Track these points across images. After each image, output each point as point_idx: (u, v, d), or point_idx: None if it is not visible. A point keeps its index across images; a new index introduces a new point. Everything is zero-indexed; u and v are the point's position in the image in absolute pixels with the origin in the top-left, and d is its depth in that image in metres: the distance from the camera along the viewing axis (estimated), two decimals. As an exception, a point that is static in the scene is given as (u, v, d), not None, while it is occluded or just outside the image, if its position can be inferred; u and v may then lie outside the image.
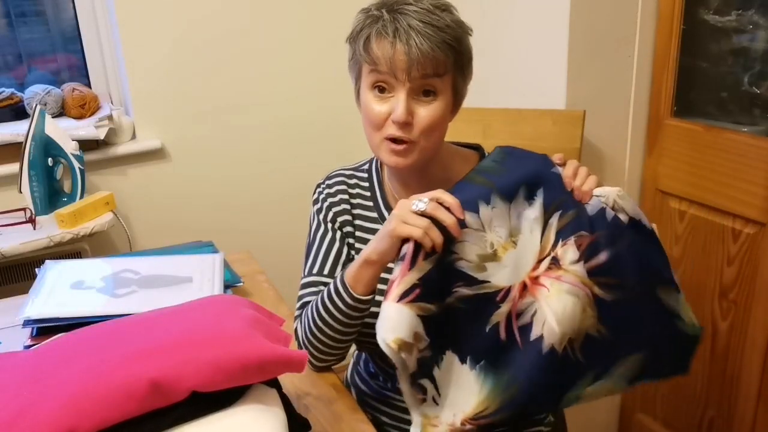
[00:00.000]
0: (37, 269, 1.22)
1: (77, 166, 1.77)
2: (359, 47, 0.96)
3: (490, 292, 0.89)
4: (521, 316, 0.89)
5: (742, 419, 1.62)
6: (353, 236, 1.10)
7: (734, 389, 1.63)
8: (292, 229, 2.02)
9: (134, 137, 2.00)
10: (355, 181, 1.13)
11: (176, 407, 0.71)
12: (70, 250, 1.74)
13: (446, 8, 0.96)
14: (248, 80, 2.08)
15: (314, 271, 1.09)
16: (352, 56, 1.00)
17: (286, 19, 2.08)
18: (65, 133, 1.77)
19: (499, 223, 0.90)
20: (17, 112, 1.92)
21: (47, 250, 1.66)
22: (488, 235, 0.89)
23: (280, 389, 0.82)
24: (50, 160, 1.74)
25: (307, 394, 1.01)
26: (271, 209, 2.20)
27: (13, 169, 1.77)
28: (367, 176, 1.13)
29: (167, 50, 1.96)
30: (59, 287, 1.15)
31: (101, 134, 1.86)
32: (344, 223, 1.10)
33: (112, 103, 2.02)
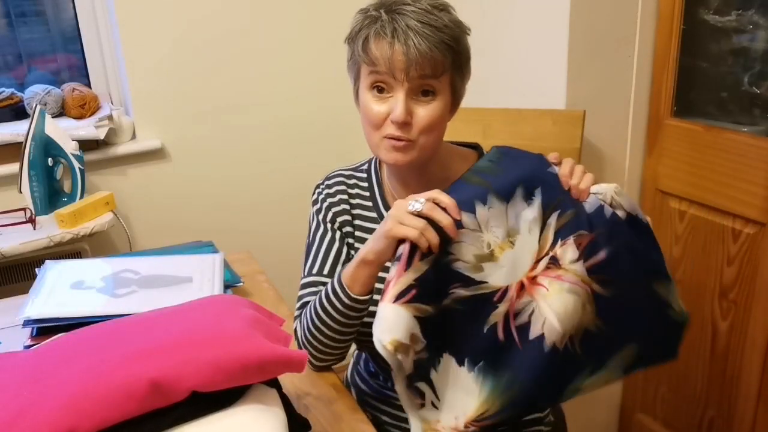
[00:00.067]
0: (37, 269, 1.22)
1: (77, 166, 1.77)
2: (358, 47, 0.96)
3: (487, 292, 0.88)
4: (519, 315, 0.89)
5: (742, 419, 1.62)
6: (353, 236, 1.10)
7: (734, 389, 1.62)
8: (292, 229, 2.02)
9: (134, 137, 2.00)
10: (354, 181, 1.13)
11: (176, 407, 0.71)
12: (70, 250, 1.74)
13: (444, 8, 0.96)
14: (248, 80, 2.09)
15: (314, 271, 1.09)
16: (350, 56, 1.00)
17: (286, 19, 2.08)
18: (65, 133, 1.77)
19: (495, 223, 0.89)
20: (17, 112, 1.92)
21: (47, 250, 1.66)
22: (485, 235, 0.89)
23: (280, 389, 0.82)
24: (50, 160, 1.74)
25: (307, 394, 1.01)
26: (271, 209, 2.21)
27: (13, 169, 1.77)
28: (366, 176, 1.13)
29: (167, 50, 1.96)
30: (59, 287, 1.15)
31: (101, 134, 1.86)
32: (344, 223, 1.10)
33: (112, 103, 2.02)
